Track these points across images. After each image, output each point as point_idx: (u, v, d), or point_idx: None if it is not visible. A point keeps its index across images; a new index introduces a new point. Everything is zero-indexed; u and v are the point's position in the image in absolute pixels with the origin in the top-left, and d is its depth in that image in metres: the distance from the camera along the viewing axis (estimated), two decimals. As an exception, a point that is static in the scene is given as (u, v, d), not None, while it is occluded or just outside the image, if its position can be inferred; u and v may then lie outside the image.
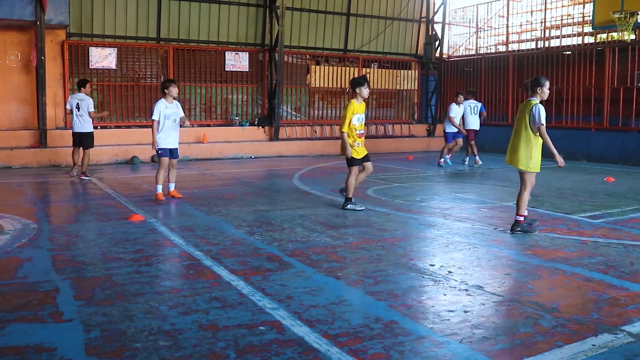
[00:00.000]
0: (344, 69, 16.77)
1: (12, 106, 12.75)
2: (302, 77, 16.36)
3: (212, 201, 7.87)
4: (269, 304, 3.79)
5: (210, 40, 15.11)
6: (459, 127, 12.37)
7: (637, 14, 13.07)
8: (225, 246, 5.38)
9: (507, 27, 17.96)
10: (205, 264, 4.76)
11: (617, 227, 6.39)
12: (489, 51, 18.46)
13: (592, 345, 3.20)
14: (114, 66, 13.58)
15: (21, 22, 11.86)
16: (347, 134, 7.17)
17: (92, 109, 10.10)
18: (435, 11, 18.06)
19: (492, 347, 3.15)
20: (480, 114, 12.77)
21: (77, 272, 4.51)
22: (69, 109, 10.18)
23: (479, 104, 12.89)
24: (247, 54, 15.25)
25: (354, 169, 7.31)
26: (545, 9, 16.96)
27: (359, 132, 7.25)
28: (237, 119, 15.18)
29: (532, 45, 17.42)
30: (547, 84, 6.03)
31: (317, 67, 16.42)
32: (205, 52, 14.79)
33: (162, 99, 7.89)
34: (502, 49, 18.15)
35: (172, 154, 8.05)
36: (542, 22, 17.23)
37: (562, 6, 16.89)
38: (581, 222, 6.64)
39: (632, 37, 13.87)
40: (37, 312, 3.62)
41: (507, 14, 17.81)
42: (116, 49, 13.58)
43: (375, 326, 3.42)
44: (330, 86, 16.56)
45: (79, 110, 10.02)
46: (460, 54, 19.18)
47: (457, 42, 19.45)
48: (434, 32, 18.00)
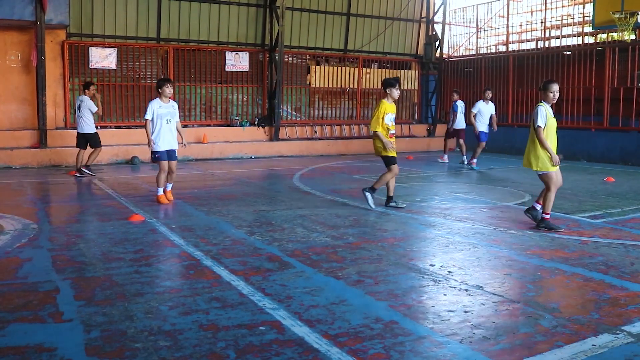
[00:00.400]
0: (344, 69, 16.78)
1: (12, 106, 12.75)
2: (302, 77, 16.36)
3: (212, 201, 7.87)
4: (269, 304, 3.79)
5: (210, 40, 15.11)
6: (474, 124, 12.07)
7: (637, 14, 13.07)
8: (225, 246, 5.38)
9: (507, 27, 17.96)
10: (205, 264, 4.76)
11: (617, 227, 6.39)
12: (489, 51, 18.46)
13: (592, 345, 3.20)
14: (114, 66, 13.58)
15: (21, 22, 11.86)
16: (381, 133, 7.17)
17: (93, 110, 10.44)
18: (435, 11, 18.06)
19: (492, 347, 3.15)
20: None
21: (77, 272, 4.51)
22: (76, 110, 10.67)
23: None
24: (247, 54, 15.25)
25: (395, 167, 7.31)
26: (545, 9, 16.95)
27: (391, 132, 7.27)
28: (237, 119, 15.18)
29: (532, 45, 17.42)
30: (551, 87, 6.19)
31: (317, 67, 16.43)
32: (205, 52, 14.79)
33: (156, 99, 7.73)
34: (502, 49, 18.14)
35: (169, 155, 7.74)
36: (542, 22, 17.23)
37: (562, 6, 16.88)
38: (581, 222, 6.65)
39: (632, 37, 13.87)
40: (37, 312, 3.62)
41: (507, 14, 17.81)
42: (116, 49, 13.58)
43: (375, 326, 3.42)
44: (330, 86, 16.56)
45: (79, 111, 10.44)
46: (460, 54, 19.18)
47: (457, 42, 19.46)
48: (434, 32, 18.00)
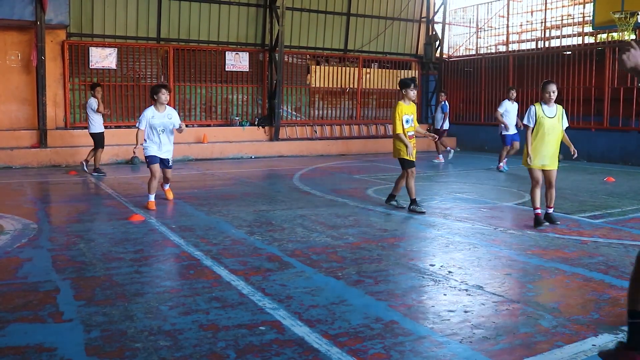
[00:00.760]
0: (344, 69, 16.78)
1: (13, 106, 12.76)
2: (302, 77, 16.36)
3: (212, 201, 7.87)
4: (269, 304, 3.79)
5: (210, 40, 15.11)
6: (504, 123, 11.44)
7: (637, 14, 13.07)
8: (225, 246, 5.38)
9: (507, 27, 17.96)
10: (205, 264, 4.76)
11: (617, 227, 6.39)
12: (489, 51, 18.46)
13: (592, 345, 3.20)
14: (114, 66, 13.59)
15: (21, 22, 11.87)
16: (402, 135, 6.97)
17: (94, 107, 10.60)
18: (435, 11, 18.07)
19: (492, 347, 3.15)
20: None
21: (77, 272, 4.51)
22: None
23: None
24: (247, 54, 15.25)
25: (412, 171, 7.09)
26: (545, 9, 16.96)
27: (409, 133, 7.06)
28: (237, 119, 15.18)
29: (532, 45, 17.42)
30: (546, 88, 6.26)
31: (317, 67, 16.43)
32: (205, 52, 14.79)
33: (151, 107, 7.32)
34: (502, 49, 18.14)
35: (163, 163, 7.46)
36: (542, 22, 17.24)
37: (562, 6, 16.89)
38: (581, 222, 6.65)
39: (632, 37, 13.86)
40: (37, 312, 3.62)
41: (507, 14, 17.81)
42: (116, 49, 13.59)
43: (375, 326, 3.42)
44: (330, 86, 16.56)
45: (87, 113, 10.85)
46: (460, 54, 19.17)
47: (457, 42, 19.44)
48: (434, 32, 18.01)
